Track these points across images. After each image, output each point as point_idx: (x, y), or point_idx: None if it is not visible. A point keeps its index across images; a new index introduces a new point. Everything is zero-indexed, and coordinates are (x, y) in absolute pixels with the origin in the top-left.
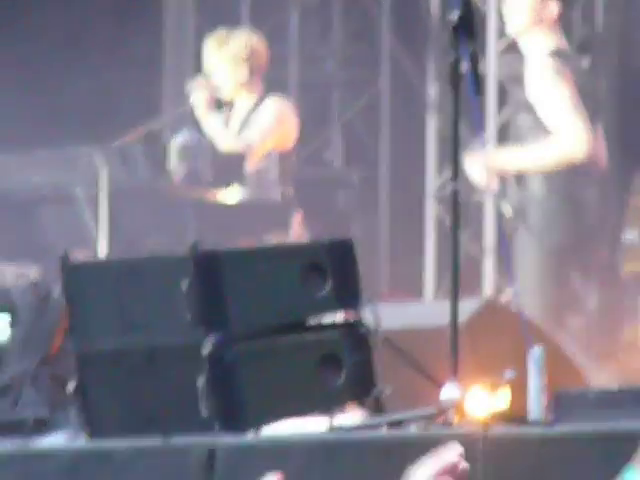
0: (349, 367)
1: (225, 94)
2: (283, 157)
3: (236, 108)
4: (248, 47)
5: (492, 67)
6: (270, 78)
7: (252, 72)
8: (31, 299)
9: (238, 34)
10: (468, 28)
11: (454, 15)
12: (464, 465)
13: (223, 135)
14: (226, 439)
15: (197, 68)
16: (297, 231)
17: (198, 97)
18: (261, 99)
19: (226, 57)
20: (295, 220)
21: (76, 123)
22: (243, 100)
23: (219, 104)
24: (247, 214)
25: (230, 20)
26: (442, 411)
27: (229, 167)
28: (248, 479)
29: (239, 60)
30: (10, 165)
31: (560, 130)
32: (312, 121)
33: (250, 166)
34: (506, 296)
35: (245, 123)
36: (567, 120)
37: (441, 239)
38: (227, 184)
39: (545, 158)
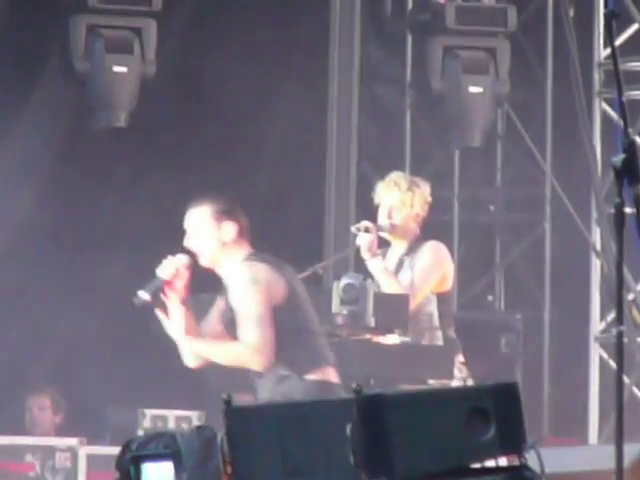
0: None
1: (386, 235)
2: (442, 300)
3: (392, 250)
4: (422, 196)
5: None
6: (434, 220)
7: (417, 217)
8: (196, 444)
9: (413, 180)
10: (633, 171)
11: (618, 158)
12: None
13: (386, 278)
14: None
15: (358, 212)
16: (460, 374)
17: (363, 240)
18: (417, 242)
19: (396, 200)
20: (457, 363)
21: None
22: (399, 242)
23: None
24: (409, 357)
25: (392, 164)
26: None
27: (392, 310)
28: None
29: (407, 204)
30: None
31: None
32: (475, 264)
33: (411, 309)
34: None
35: (400, 266)
36: None
37: (605, 382)
38: (390, 327)
39: None
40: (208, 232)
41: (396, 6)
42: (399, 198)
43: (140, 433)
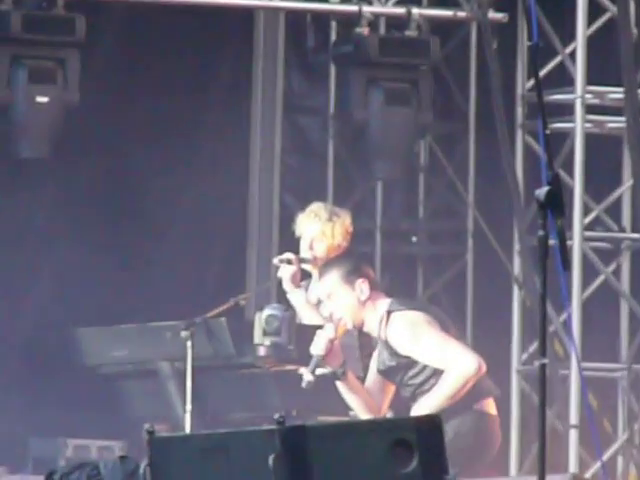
0: None
1: (309, 266)
2: (363, 332)
3: (314, 281)
4: (343, 226)
5: (577, 242)
6: (356, 251)
7: (339, 248)
8: (119, 474)
9: (333, 210)
10: (556, 204)
11: (542, 190)
12: None
13: (307, 310)
14: None
15: (281, 243)
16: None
17: (285, 271)
18: None
19: (317, 231)
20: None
21: (160, 298)
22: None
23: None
24: (332, 389)
25: (315, 196)
26: None
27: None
28: None
29: (328, 235)
30: (95, 340)
31: None
32: (397, 295)
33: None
34: (591, 472)
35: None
36: None
37: (525, 414)
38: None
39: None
40: (345, 296)
41: (319, 37)
42: (320, 229)
43: (62, 463)
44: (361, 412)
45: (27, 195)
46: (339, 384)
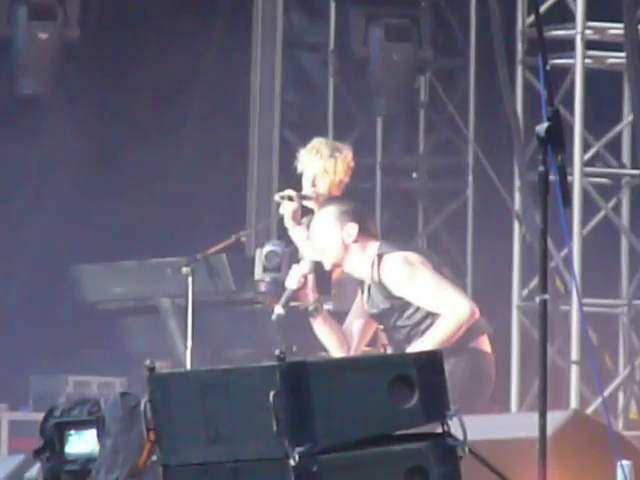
0: (436, 479)
1: (310, 203)
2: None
3: (313, 219)
4: (345, 161)
5: (578, 178)
6: (356, 187)
7: (340, 184)
8: (119, 410)
9: (335, 146)
10: (557, 139)
11: (542, 126)
12: None
13: (308, 247)
14: None
15: (282, 179)
16: (380, 341)
17: (287, 208)
18: None
19: (319, 168)
20: (378, 330)
21: (161, 234)
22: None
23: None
24: None
25: (315, 132)
26: None
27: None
28: None
29: (330, 171)
30: (96, 276)
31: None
32: (398, 231)
33: (333, 277)
34: (592, 408)
35: None
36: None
37: (525, 350)
38: None
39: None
40: (331, 234)
41: None
42: (322, 166)
43: (63, 399)
44: (333, 351)
45: (28, 129)
46: (312, 321)
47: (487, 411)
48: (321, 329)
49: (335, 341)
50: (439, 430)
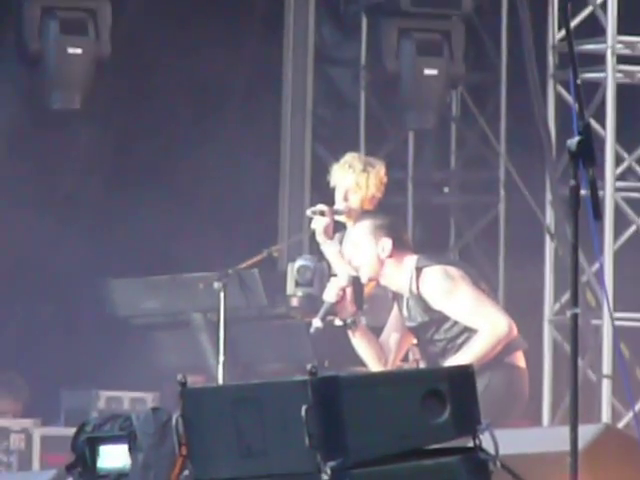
0: None
1: (343, 218)
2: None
3: (348, 233)
4: (377, 176)
5: (609, 192)
6: (388, 202)
7: (373, 199)
8: (151, 425)
9: (368, 161)
10: (588, 154)
11: (574, 140)
12: None
13: (340, 262)
14: None
15: (314, 194)
16: (413, 356)
17: (318, 223)
18: None
19: (351, 183)
20: (411, 345)
21: (193, 249)
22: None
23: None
24: None
25: (347, 146)
26: None
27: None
28: None
29: (363, 186)
30: (128, 291)
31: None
32: (430, 246)
33: (366, 292)
34: (624, 422)
35: None
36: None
37: (557, 364)
38: None
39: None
40: (366, 248)
41: None
42: (354, 180)
43: (94, 415)
44: (371, 364)
45: (59, 144)
46: (350, 334)
47: (518, 425)
48: (359, 342)
49: (373, 354)
50: (471, 444)
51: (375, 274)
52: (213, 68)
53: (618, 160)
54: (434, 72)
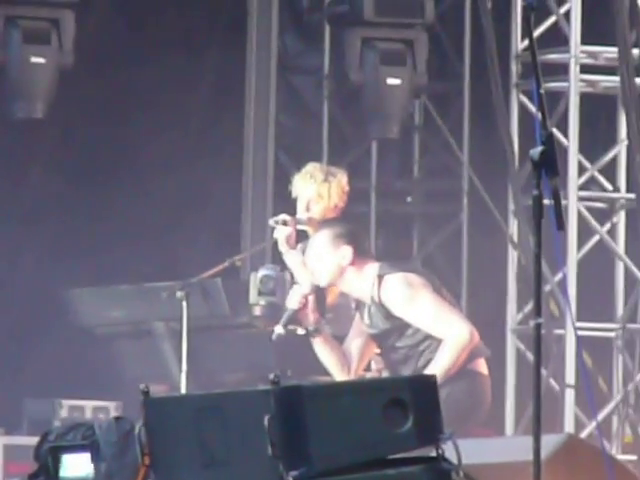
0: None
1: (305, 227)
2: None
3: (309, 242)
4: (339, 186)
5: (572, 202)
6: (351, 212)
7: (335, 208)
8: (114, 435)
9: (329, 171)
10: (551, 163)
11: (537, 150)
12: None
13: (303, 272)
14: None
15: (276, 203)
16: (376, 365)
17: (281, 232)
18: None
19: (313, 193)
20: (374, 354)
21: (155, 258)
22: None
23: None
24: None
25: (310, 155)
26: None
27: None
28: None
29: (325, 196)
30: (91, 300)
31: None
32: (393, 255)
33: (328, 301)
34: (587, 432)
35: None
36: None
37: (520, 373)
38: None
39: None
40: (326, 256)
41: None
42: (316, 191)
43: (57, 424)
44: (334, 372)
45: (21, 154)
46: (313, 341)
47: (481, 434)
48: (322, 350)
49: (336, 362)
50: (433, 454)
51: (334, 281)
52: (174, 78)
53: (581, 170)
54: (397, 82)
